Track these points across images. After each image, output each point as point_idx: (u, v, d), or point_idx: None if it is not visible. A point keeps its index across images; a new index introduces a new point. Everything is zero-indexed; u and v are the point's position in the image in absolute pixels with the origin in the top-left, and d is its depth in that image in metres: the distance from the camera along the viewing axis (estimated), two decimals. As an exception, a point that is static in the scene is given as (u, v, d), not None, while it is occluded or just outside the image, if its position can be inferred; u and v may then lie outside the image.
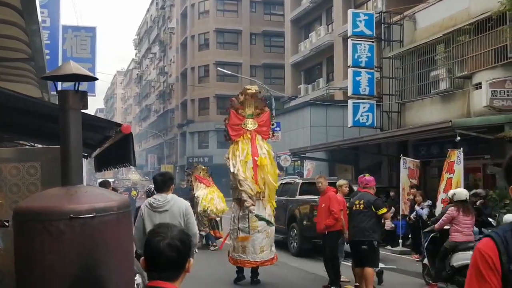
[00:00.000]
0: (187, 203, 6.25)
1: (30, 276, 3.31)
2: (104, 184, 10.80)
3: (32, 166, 4.28)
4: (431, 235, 10.02)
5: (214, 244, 15.52)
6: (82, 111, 3.78)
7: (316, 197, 12.38)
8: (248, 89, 10.70)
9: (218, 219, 15.75)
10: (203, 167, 17.13)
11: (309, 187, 14.66)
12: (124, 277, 3.45)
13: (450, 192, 10.41)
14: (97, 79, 3.97)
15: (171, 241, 2.44)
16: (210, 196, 15.55)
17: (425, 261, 10.25)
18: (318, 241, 12.28)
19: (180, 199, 6.26)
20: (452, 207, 9.41)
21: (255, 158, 10.19)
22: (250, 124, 10.52)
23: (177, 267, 2.47)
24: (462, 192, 9.72)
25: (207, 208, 15.22)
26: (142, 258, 2.53)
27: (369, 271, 9.04)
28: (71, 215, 3.20)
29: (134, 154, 5.24)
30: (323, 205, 10.06)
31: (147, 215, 5.98)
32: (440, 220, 9.53)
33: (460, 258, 8.93)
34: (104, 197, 3.50)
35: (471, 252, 5.08)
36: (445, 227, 9.51)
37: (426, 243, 10.20)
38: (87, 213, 3.23)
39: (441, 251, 9.43)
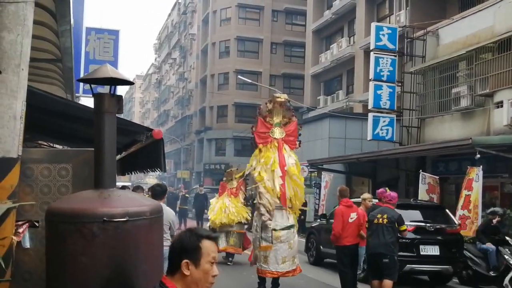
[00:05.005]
0: (173, 213, 8.22)
1: (61, 277, 3.33)
2: (137, 189, 10.72)
3: (64, 168, 4.27)
4: None
5: (230, 259, 14.51)
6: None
7: None
8: (278, 97, 10.44)
9: (222, 233, 13.91)
10: (229, 170, 14.90)
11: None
12: (153, 282, 3.41)
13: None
14: (133, 83, 4.00)
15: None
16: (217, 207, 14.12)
17: None
18: None
19: (168, 208, 7.70)
20: None
21: (283, 167, 9.99)
22: (278, 133, 10.29)
23: (171, 262, 2.74)
24: None
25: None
26: None
27: (388, 283, 9.13)
28: (105, 218, 3.22)
29: (164, 159, 5.27)
30: None
31: None
32: None
33: None
34: (137, 201, 3.52)
35: None
36: None
37: None
38: (120, 217, 3.24)
39: None
